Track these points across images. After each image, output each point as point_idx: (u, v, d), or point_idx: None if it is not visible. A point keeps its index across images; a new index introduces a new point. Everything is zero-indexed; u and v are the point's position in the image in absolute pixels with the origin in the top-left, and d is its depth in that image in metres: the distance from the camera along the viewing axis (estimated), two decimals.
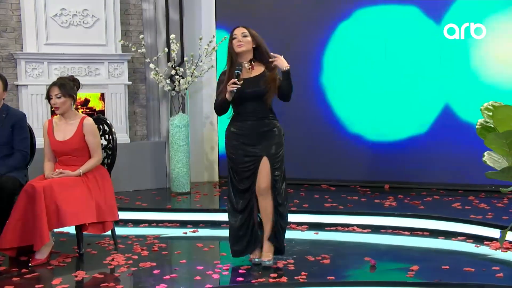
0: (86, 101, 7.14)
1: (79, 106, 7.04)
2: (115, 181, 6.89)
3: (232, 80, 4.17)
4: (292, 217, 5.88)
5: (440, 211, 5.79)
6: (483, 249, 4.95)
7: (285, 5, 7.59)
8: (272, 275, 4.27)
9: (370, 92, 7.30)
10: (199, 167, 7.81)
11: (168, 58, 7.15)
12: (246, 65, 4.36)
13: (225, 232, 4.85)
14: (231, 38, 4.39)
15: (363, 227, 5.71)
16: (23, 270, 4.51)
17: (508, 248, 4.85)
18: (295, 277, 4.23)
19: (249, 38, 4.37)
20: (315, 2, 7.47)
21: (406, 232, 5.55)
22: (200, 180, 7.83)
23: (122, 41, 7.08)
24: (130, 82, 7.36)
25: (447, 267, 4.42)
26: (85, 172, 4.89)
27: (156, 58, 7.13)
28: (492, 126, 3.43)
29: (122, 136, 7.23)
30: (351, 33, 7.36)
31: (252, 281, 4.19)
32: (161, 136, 7.60)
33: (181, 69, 7.01)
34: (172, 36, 6.93)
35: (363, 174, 7.39)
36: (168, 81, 7.05)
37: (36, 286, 4.14)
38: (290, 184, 7.22)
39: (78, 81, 5.07)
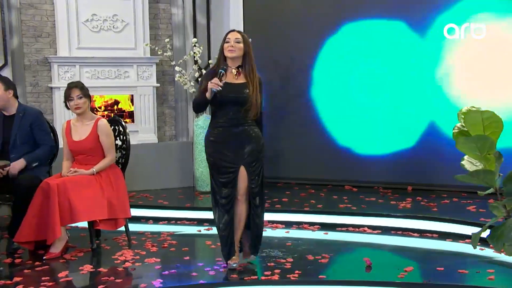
0: (116, 102, 7.40)
1: (110, 107, 7.32)
2: (143, 180, 7.19)
3: (215, 79, 4.20)
4: (304, 217, 6.04)
5: (452, 214, 5.75)
6: (487, 252, 4.90)
7: (310, 9, 7.64)
8: (266, 272, 4.39)
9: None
10: None
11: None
12: (233, 70, 4.39)
13: None
14: (225, 41, 4.39)
15: (374, 228, 5.74)
16: (36, 263, 4.77)
17: None
18: (288, 275, 4.34)
19: (241, 45, 4.36)
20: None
21: (415, 234, 5.56)
22: None
23: (148, 44, 7.30)
24: (158, 84, 7.58)
25: (442, 268, 4.43)
26: (98, 171, 5.11)
27: (181, 61, 7.31)
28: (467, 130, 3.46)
29: (150, 137, 7.49)
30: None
31: (245, 278, 4.31)
32: (188, 136, 7.81)
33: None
34: (193, 40, 7.12)
35: (388, 176, 7.37)
36: (192, 83, 7.23)
37: (43, 278, 4.38)
38: (314, 185, 7.40)
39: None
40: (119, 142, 5.45)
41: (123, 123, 5.48)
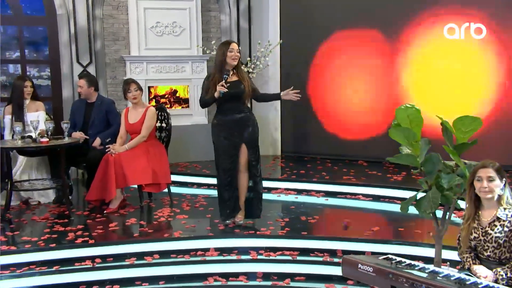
0: (175, 91, 8.00)
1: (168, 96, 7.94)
2: (194, 153, 7.74)
3: (222, 83, 4.68)
4: (312, 186, 6.40)
5: None
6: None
7: (336, 15, 7.91)
8: (262, 229, 4.85)
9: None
10: (265, 144, 8.40)
11: None
12: (230, 72, 4.84)
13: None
14: (228, 50, 4.79)
15: (367, 196, 6.06)
16: (98, 215, 5.45)
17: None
18: (279, 232, 4.79)
19: (239, 54, 4.85)
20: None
21: (398, 201, 5.82)
22: (265, 154, 8.42)
23: (199, 45, 7.82)
24: None
25: (402, 229, 4.75)
26: (130, 148, 5.67)
27: None
28: None
29: (201, 119, 8.04)
30: None
31: (244, 232, 4.80)
32: None
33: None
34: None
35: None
36: None
37: (98, 226, 5.04)
38: (334, 160, 7.73)
39: None
40: (164, 125, 6.03)
41: (167, 110, 6.06)
